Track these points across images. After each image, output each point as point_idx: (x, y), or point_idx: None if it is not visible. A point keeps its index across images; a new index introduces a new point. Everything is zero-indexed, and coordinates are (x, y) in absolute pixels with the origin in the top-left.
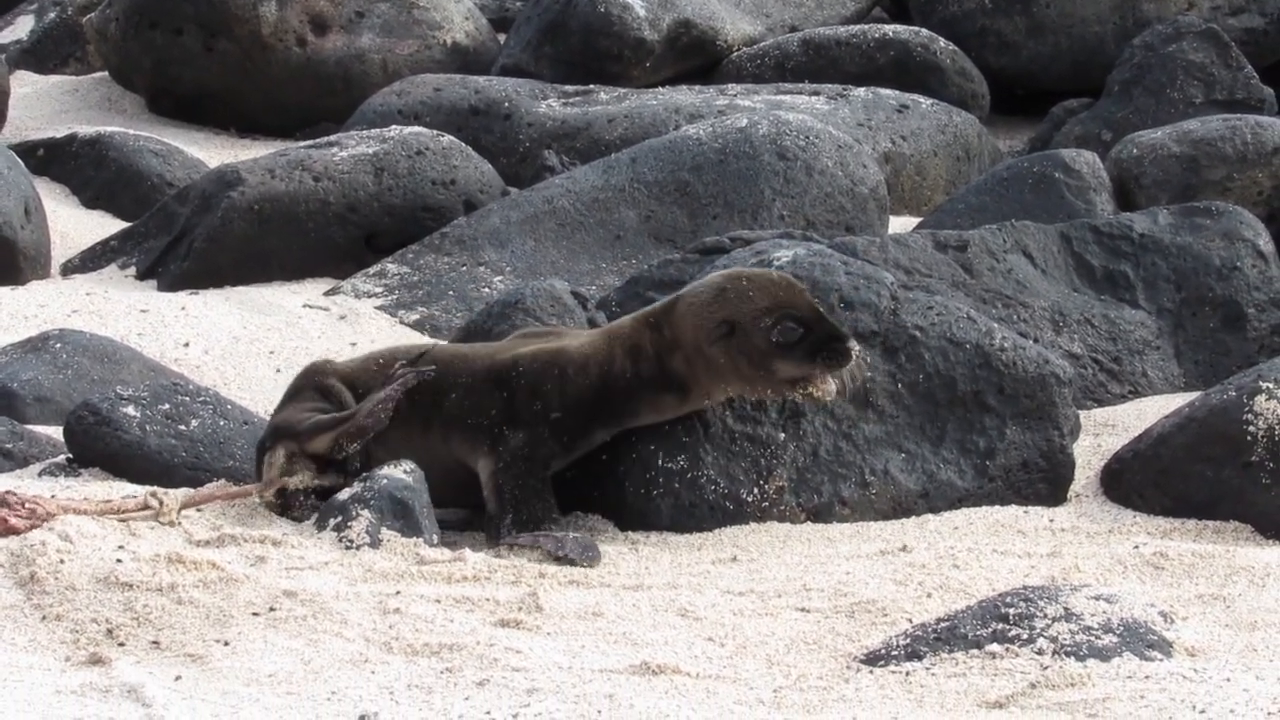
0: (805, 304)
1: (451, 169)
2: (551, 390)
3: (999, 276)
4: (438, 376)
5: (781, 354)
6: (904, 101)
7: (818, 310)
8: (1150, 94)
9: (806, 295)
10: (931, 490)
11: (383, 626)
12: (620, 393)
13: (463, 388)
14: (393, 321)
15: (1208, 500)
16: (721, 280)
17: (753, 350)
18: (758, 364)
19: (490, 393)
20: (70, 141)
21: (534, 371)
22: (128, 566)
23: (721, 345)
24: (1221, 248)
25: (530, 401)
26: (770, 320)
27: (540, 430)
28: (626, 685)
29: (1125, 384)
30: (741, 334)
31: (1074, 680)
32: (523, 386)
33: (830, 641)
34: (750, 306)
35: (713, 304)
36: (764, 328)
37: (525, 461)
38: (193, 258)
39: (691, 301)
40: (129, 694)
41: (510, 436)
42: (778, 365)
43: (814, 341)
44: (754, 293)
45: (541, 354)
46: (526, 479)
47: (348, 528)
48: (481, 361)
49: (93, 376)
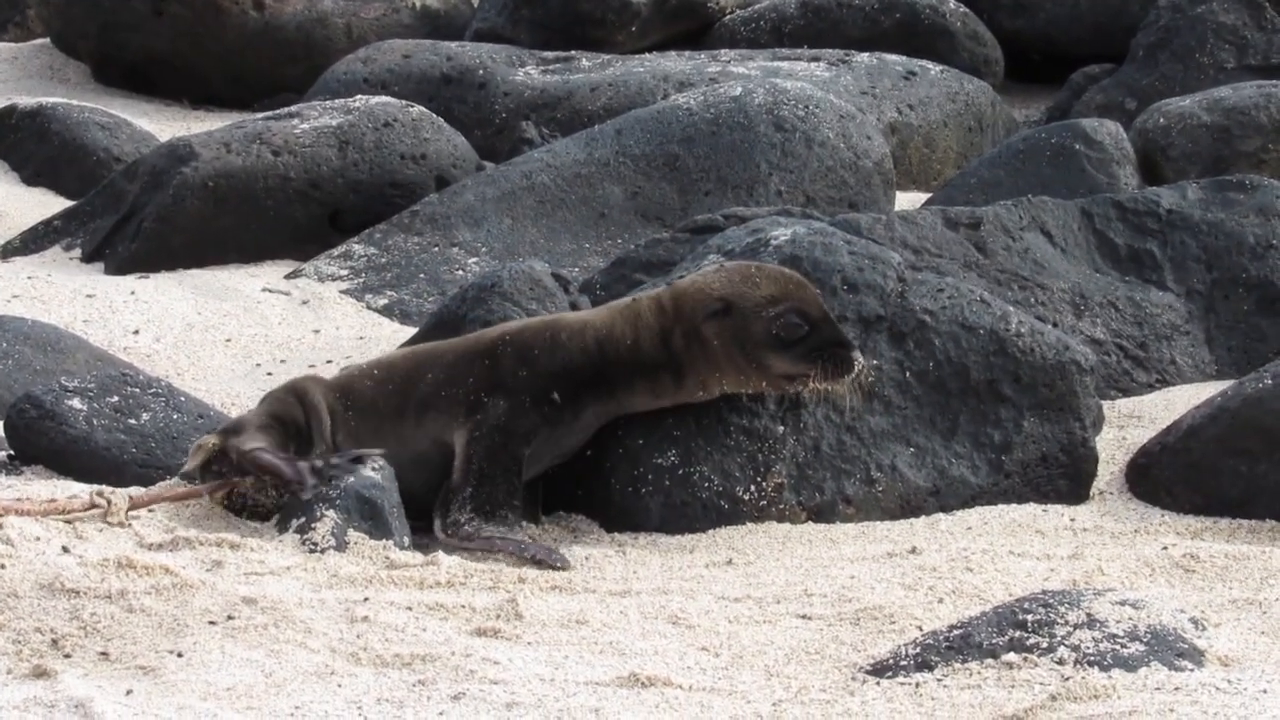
0: (815, 304)
1: (422, 142)
2: (540, 355)
3: (1015, 256)
4: (414, 365)
5: (778, 348)
6: (911, 68)
7: (827, 313)
8: (1178, 59)
9: (818, 296)
10: (943, 487)
11: (350, 636)
12: (617, 363)
13: (442, 365)
14: (359, 306)
15: (1242, 497)
16: (733, 264)
17: (748, 337)
18: (750, 353)
19: (473, 363)
20: (9, 114)
21: (523, 340)
22: (74, 571)
23: (714, 323)
24: (1256, 224)
25: (516, 368)
26: (774, 311)
27: (523, 399)
28: (613, 698)
29: (1152, 372)
30: (738, 316)
31: (1097, 692)
32: (509, 354)
33: (834, 651)
34: (755, 292)
35: (715, 282)
36: (766, 317)
37: (502, 433)
38: (142, 238)
39: (697, 278)
40: (76, 709)
41: (490, 405)
42: (772, 358)
43: (817, 343)
44: (762, 280)
45: (533, 323)
46: (499, 453)
47: (311, 529)
48: (466, 340)
49: (35, 367)
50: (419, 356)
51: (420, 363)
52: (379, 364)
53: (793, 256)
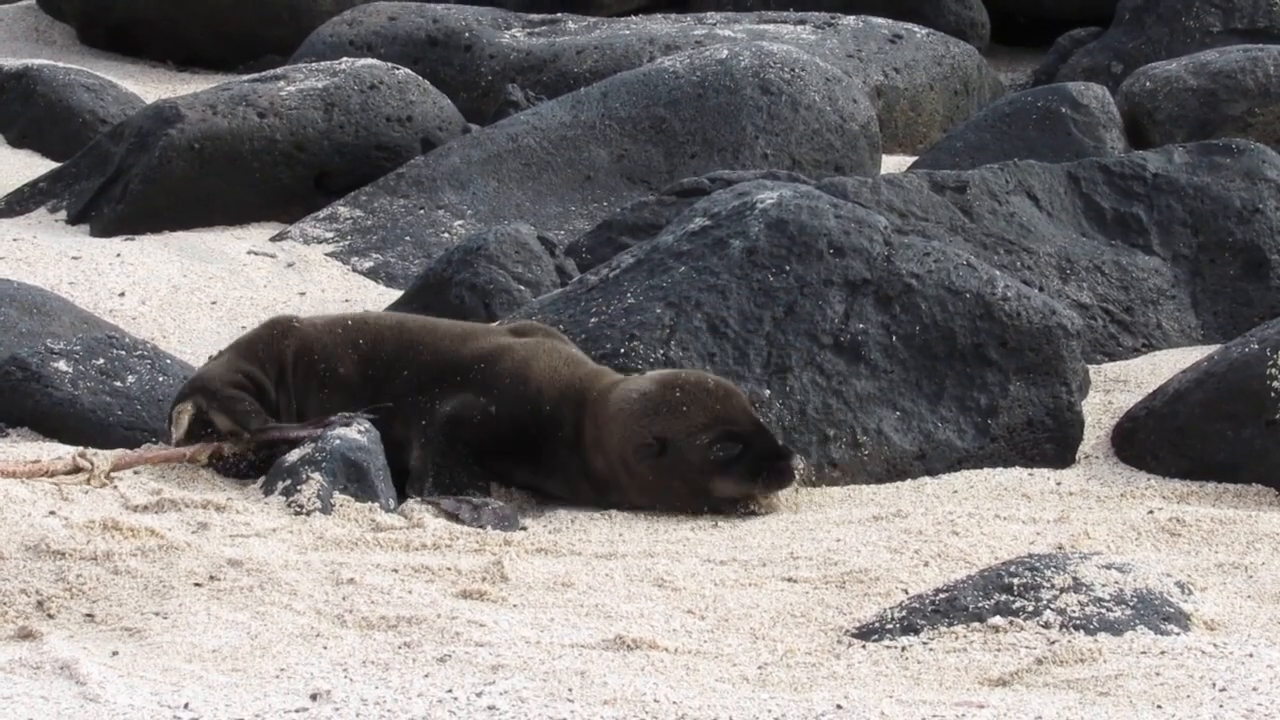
0: (745, 416)
1: (408, 104)
2: (498, 393)
3: (1001, 220)
4: (396, 353)
5: (720, 472)
6: (897, 31)
7: (758, 423)
8: (1164, 22)
9: (746, 405)
10: (929, 451)
11: (335, 598)
12: (553, 443)
13: (418, 365)
14: (344, 269)
15: (1228, 462)
16: (655, 389)
17: (687, 468)
18: (691, 483)
19: (445, 372)
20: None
21: (493, 371)
22: (59, 533)
23: (650, 464)
24: (1242, 188)
25: (477, 392)
26: (707, 437)
27: (473, 416)
28: (599, 661)
29: (1138, 336)
30: (675, 451)
31: (1083, 656)
32: (476, 379)
33: (819, 614)
34: (684, 423)
35: (644, 416)
36: (700, 445)
37: (449, 427)
38: (128, 200)
39: (621, 407)
40: (61, 670)
41: (439, 410)
42: (715, 484)
43: (754, 459)
44: (688, 406)
45: (513, 353)
46: (450, 448)
47: (297, 491)
48: (452, 338)
49: (21, 329)
50: (405, 340)
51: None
52: (363, 331)
53: (779, 220)
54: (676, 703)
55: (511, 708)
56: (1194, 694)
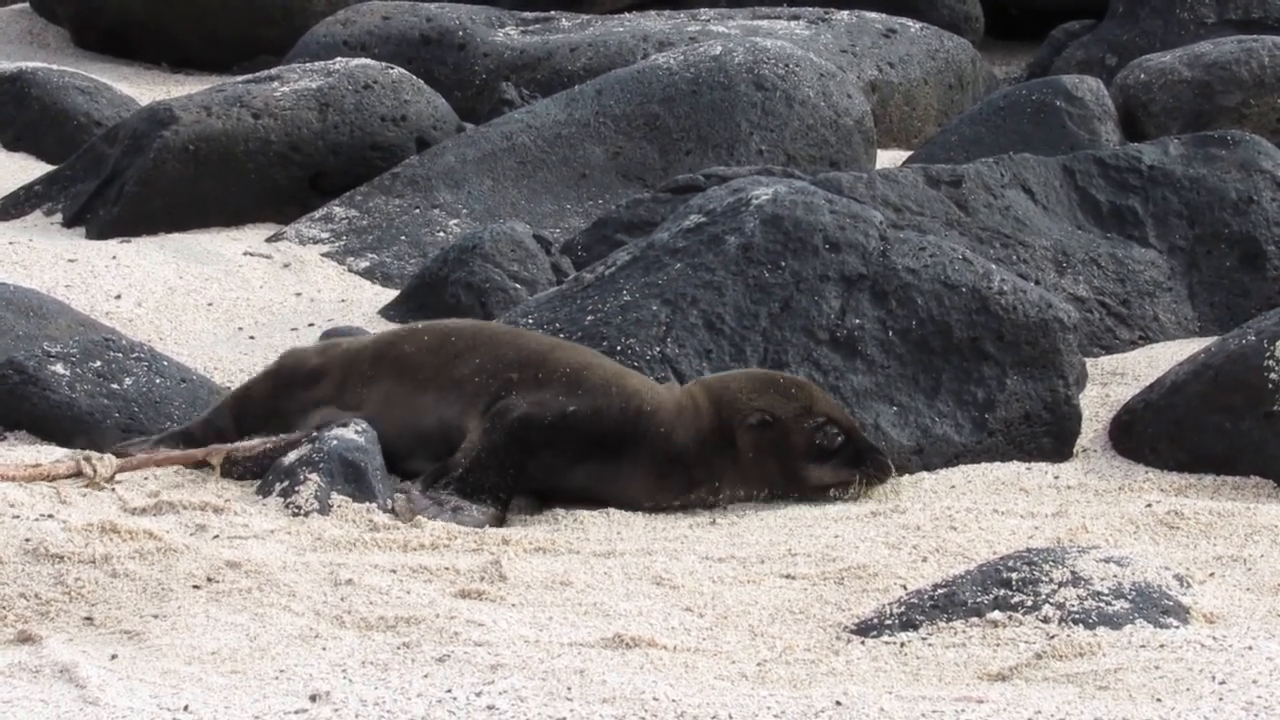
0: (841, 413)
1: (402, 104)
2: (582, 391)
3: (996, 214)
4: (453, 346)
5: (818, 458)
6: (891, 25)
7: (851, 419)
8: (1158, 14)
9: (840, 405)
10: (926, 446)
11: (334, 599)
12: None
13: (487, 355)
14: (340, 269)
15: (1226, 454)
16: (762, 374)
17: (788, 450)
18: (787, 466)
19: (515, 365)
20: None
21: (579, 374)
22: (58, 536)
23: (754, 439)
24: (1238, 180)
25: (556, 390)
26: (813, 422)
27: (544, 416)
28: (598, 659)
29: (1135, 329)
30: (781, 429)
31: (1082, 650)
32: (559, 378)
33: (818, 610)
34: (793, 405)
35: (754, 393)
36: (807, 428)
37: (511, 433)
38: (124, 202)
39: (730, 385)
40: (61, 674)
41: (513, 404)
42: (811, 470)
43: (854, 452)
44: (796, 391)
45: (600, 362)
46: (502, 450)
47: (295, 493)
48: (518, 333)
49: (17, 332)
50: (464, 338)
51: (466, 344)
52: (412, 333)
53: (774, 216)
54: (676, 700)
55: (511, 707)
56: (1193, 687)
